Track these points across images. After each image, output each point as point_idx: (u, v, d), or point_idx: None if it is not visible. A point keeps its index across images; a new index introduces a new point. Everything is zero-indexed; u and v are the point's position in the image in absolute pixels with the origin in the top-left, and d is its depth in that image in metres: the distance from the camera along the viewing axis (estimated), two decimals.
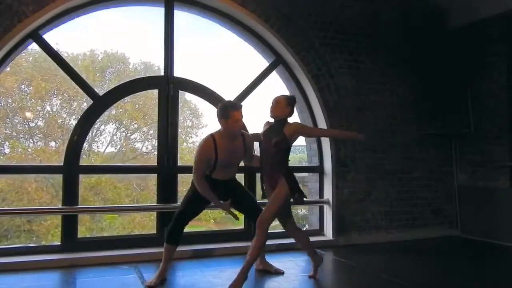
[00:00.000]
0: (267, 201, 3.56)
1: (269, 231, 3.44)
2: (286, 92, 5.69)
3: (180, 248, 3.82)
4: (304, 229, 5.75)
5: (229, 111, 3.51)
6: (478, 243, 5.45)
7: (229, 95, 4.99)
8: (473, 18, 5.66)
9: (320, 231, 5.40)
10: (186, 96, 12.03)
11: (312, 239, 5.13)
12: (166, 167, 4.74)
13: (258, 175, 5.25)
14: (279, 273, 3.93)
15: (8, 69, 7.06)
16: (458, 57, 5.91)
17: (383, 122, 5.60)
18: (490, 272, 4.20)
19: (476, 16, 5.62)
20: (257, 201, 4.10)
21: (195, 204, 3.72)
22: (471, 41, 5.80)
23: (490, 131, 5.57)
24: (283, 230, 4.04)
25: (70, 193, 4.42)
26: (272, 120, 3.64)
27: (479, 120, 5.72)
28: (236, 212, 3.86)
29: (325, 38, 5.36)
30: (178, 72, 4.94)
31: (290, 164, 3.63)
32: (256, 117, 4.42)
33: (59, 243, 4.40)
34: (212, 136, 3.58)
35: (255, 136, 3.86)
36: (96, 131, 15.73)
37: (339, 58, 5.42)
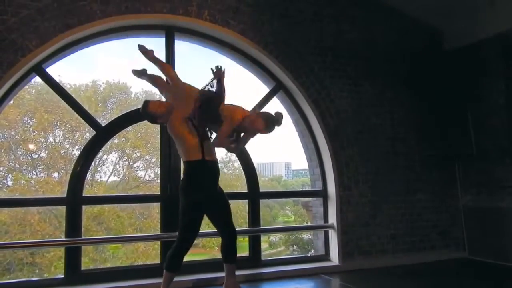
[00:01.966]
0: None
1: (272, 258, 3.40)
2: (287, 117, 5.75)
3: (182, 278, 3.76)
4: (310, 254, 5.68)
5: (147, 108, 3.71)
6: (486, 264, 5.36)
7: None
8: (470, 39, 5.74)
9: (326, 256, 5.33)
10: None
11: (318, 264, 5.12)
12: (169, 195, 4.72)
13: (262, 201, 5.27)
14: None
15: (11, 102, 7.11)
16: (457, 78, 5.96)
17: (385, 144, 5.61)
18: None
19: (472, 37, 5.70)
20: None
21: (194, 223, 3.63)
22: (468, 62, 5.85)
23: (493, 151, 5.55)
24: (288, 256, 3.98)
25: (73, 224, 4.39)
26: None
27: (481, 140, 5.71)
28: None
29: (324, 63, 5.42)
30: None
31: (294, 188, 3.63)
32: (259, 141, 4.42)
33: (63, 276, 4.35)
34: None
35: None
36: (99, 161, 15.78)
37: (338, 82, 5.47)
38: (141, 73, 4.20)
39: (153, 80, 4.16)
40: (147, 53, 4.16)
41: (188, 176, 3.64)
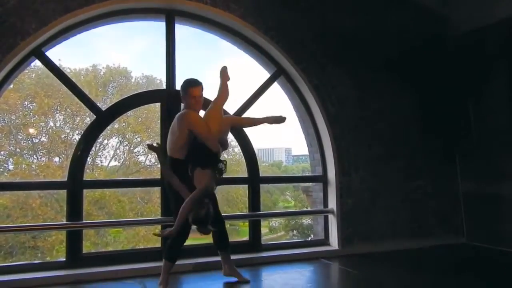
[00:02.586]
0: None
1: (272, 242, 3.42)
2: (287, 103, 5.74)
3: (182, 262, 3.79)
4: (310, 239, 5.71)
5: (187, 87, 3.77)
6: (484, 250, 5.40)
7: (231, 107, 5.02)
8: (473, 26, 5.68)
9: (325, 241, 5.37)
10: None
11: (317, 249, 5.16)
12: None
13: (262, 186, 5.29)
14: (246, 281, 3.87)
15: (11, 86, 7.08)
16: (459, 70, 5.92)
17: (386, 132, 5.59)
18: (498, 279, 4.16)
19: (476, 26, 5.64)
20: None
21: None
22: (471, 54, 5.80)
23: (494, 140, 5.53)
24: (287, 241, 4.01)
25: (74, 208, 4.42)
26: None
27: (482, 130, 5.68)
28: None
29: (325, 50, 5.37)
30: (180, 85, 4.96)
31: (294, 174, 3.63)
32: (259, 127, 4.36)
33: (64, 259, 4.39)
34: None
35: None
36: (99, 146, 15.80)
37: (340, 69, 5.42)
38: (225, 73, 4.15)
39: (224, 89, 4.11)
40: (225, 76, 4.11)
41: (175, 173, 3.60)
